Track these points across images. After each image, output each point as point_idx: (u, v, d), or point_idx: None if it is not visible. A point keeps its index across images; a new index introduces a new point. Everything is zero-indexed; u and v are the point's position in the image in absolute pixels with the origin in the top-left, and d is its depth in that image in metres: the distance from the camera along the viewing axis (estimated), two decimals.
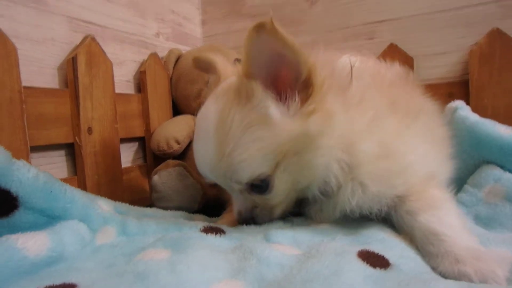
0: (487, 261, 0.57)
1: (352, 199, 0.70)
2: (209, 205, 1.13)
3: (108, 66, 1.05)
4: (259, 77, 0.65)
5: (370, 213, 0.73)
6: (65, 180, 0.90)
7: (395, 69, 0.89)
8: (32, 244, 0.57)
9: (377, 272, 0.55)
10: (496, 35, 1.16)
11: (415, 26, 1.27)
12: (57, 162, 0.94)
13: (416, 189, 0.71)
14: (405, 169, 0.72)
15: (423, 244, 0.64)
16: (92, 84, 1.00)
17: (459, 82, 1.20)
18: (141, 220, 0.78)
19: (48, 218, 0.64)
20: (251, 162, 0.66)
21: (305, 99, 0.65)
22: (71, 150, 0.96)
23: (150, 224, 0.77)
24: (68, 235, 0.64)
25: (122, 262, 0.62)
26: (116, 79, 1.10)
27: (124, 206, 0.85)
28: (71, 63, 0.95)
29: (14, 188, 0.61)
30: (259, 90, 0.65)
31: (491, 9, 1.18)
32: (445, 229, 0.63)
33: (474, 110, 1.03)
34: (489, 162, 0.93)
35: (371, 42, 1.33)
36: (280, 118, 0.65)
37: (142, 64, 1.23)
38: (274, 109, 0.65)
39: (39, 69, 0.92)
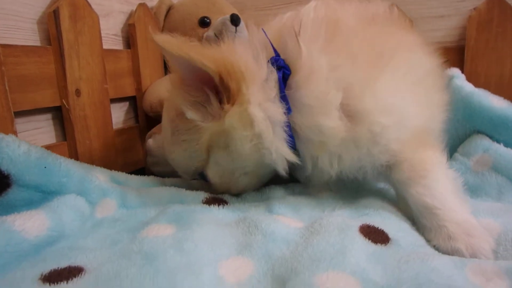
0: (477, 237, 0.59)
1: (331, 170, 0.70)
2: None
3: (94, 19, 0.95)
4: (187, 81, 0.65)
5: (362, 178, 0.72)
6: (54, 146, 0.85)
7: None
8: (30, 225, 0.53)
9: (379, 248, 0.56)
10: (495, 2, 1.11)
11: None
12: (44, 127, 0.86)
13: (406, 154, 0.67)
14: (379, 134, 0.66)
15: (417, 217, 0.65)
16: (78, 41, 0.90)
17: (455, 48, 1.16)
18: (141, 191, 0.74)
19: (43, 194, 0.60)
20: (181, 160, 0.74)
21: (227, 98, 0.64)
22: (59, 114, 0.88)
23: (151, 195, 0.74)
24: (67, 211, 0.60)
25: (126, 239, 0.59)
26: (102, 33, 1.00)
27: (121, 176, 0.81)
28: (53, 17, 0.85)
29: (5, 166, 0.57)
30: (179, 98, 0.67)
31: None
32: (437, 201, 0.63)
33: (468, 77, 1.00)
34: (479, 132, 0.92)
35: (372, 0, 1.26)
36: (201, 121, 0.66)
37: (131, 16, 1.11)
38: (192, 114, 0.66)
39: (15, 23, 0.81)
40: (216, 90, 0.64)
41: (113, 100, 1.04)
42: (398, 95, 0.67)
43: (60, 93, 0.86)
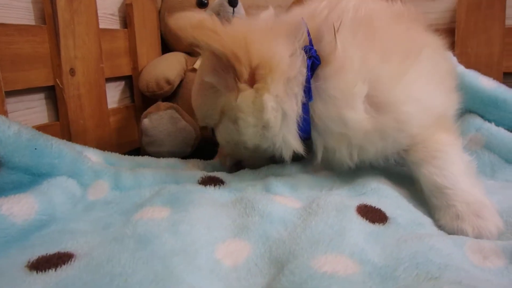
0: (485, 219, 0.54)
1: (351, 160, 0.66)
2: (204, 146, 1.04)
3: None
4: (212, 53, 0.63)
5: (378, 165, 0.68)
6: (46, 126, 0.78)
7: (395, 7, 0.78)
8: (18, 209, 0.47)
9: (377, 228, 0.52)
10: None
11: None
12: (36, 107, 0.79)
13: (423, 136, 0.65)
14: (405, 122, 0.64)
15: (428, 196, 0.61)
16: (74, 20, 0.83)
17: (446, 29, 1.11)
18: (135, 172, 0.68)
19: (33, 177, 0.54)
20: (199, 111, 0.74)
21: (240, 77, 0.62)
22: (52, 94, 0.81)
23: (145, 176, 0.68)
24: (57, 194, 0.54)
25: (119, 222, 0.54)
26: (99, 12, 0.93)
27: (115, 156, 0.74)
28: None
29: None
30: (207, 60, 0.67)
31: None
32: (447, 181, 0.59)
33: (459, 57, 0.97)
34: (471, 112, 0.88)
35: None
36: (218, 87, 0.66)
37: None
38: (209, 77, 0.66)
39: (9, 1, 0.74)
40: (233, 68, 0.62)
41: (109, 80, 0.97)
42: (424, 87, 0.67)
43: (54, 73, 0.79)
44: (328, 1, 0.72)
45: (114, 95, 1.02)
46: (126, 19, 1.03)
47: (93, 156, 0.67)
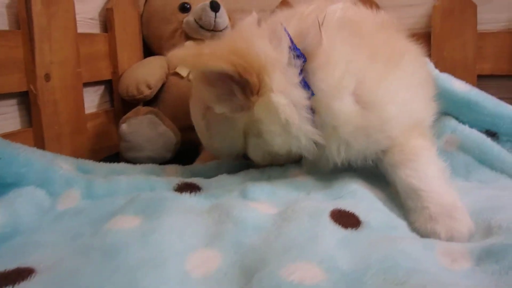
0: (458, 220, 0.54)
1: (338, 156, 0.65)
2: (185, 150, 1.01)
3: (69, 3, 0.84)
4: (210, 78, 0.61)
5: (356, 165, 0.67)
6: (18, 132, 0.75)
7: (380, 15, 0.80)
8: None
9: (349, 233, 0.51)
10: None
11: None
12: (8, 113, 0.75)
13: (400, 140, 0.65)
14: (387, 122, 0.65)
15: (404, 198, 0.60)
16: (51, 24, 0.79)
17: (423, 34, 1.12)
18: (108, 179, 0.65)
19: None
20: (221, 149, 0.73)
21: (250, 92, 0.61)
22: (26, 99, 0.77)
23: (119, 184, 0.64)
24: (23, 204, 0.51)
25: (88, 232, 0.51)
26: (78, 16, 0.89)
27: (89, 164, 0.71)
28: (24, 1, 0.74)
29: None
30: (205, 94, 0.64)
31: None
32: (423, 184, 0.58)
33: (435, 61, 0.96)
34: (447, 114, 0.88)
35: None
36: (230, 113, 0.63)
37: (109, 0, 1.00)
38: (221, 108, 0.63)
39: None
40: (239, 82, 0.60)
41: (88, 84, 0.94)
42: (406, 91, 0.68)
43: (27, 78, 0.75)
44: (316, 6, 0.71)
45: (93, 99, 0.98)
46: (107, 23, 1.00)
47: (65, 163, 0.64)
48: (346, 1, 0.75)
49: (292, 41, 0.63)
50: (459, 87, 0.87)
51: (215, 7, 0.99)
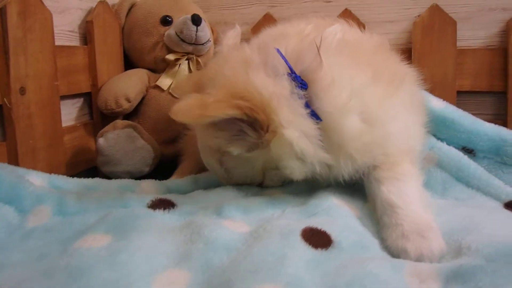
0: (429, 239, 0.54)
1: (344, 172, 0.67)
2: (165, 163, 1.01)
3: (47, 17, 0.85)
4: (218, 123, 0.61)
5: (345, 180, 0.69)
6: None
7: (375, 38, 0.82)
8: None
9: (319, 253, 0.52)
10: (435, 10, 1.12)
11: None
12: None
13: (393, 159, 0.67)
14: (386, 140, 0.67)
15: (380, 214, 0.61)
16: (26, 38, 0.80)
17: (404, 50, 1.15)
18: (81, 196, 0.65)
19: None
20: (239, 181, 0.73)
21: (261, 130, 0.61)
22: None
23: (92, 200, 0.64)
24: None
25: (56, 251, 0.51)
26: (57, 29, 0.90)
27: (62, 179, 0.71)
28: None
29: None
30: (216, 140, 0.64)
31: None
32: (401, 202, 0.60)
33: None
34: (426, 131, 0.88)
35: (328, 5, 1.22)
36: (245, 154, 0.64)
37: (89, 13, 1.01)
38: (237, 149, 0.63)
39: None
40: (248, 121, 0.60)
41: (66, 97, 0.94)
42: (407, 113, 0.71)
43: (1, 91, 0.75)
44: (313, 26, 0.73)
45: (71, 112, 0.98)
46: (86, 35, 1.00)
47: (37, 179, 0.64)
48: (342, 23, 0.77)
49: (290, 67, 0.63)
50: (436, 104, 0.89)
51: (196, 21, 1.01)
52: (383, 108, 0.66)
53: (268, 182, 0.73)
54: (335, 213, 0.62)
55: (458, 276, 0.46)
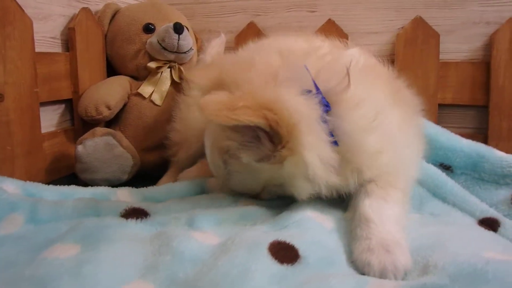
0: (394, 254, 0.55)
1: (350, 185, 0.68)
2: (144, 172, 1.03)
3: (27, 24, 0.87)
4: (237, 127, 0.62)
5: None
6: None
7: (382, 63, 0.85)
8: None
9: (284, 268, 0.52)
10: (419, 22, 1.15)
11: (354, 3, 1.22)
12: None
13: (390, 179, 0.69)
14: (395, 163, 0.70)
15: (355, 226, 0.63)
16: (5, 45, 0.81)
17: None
18: (55, 203, 0.67)
19: None
20: (237, 189, 0.74)
21: (278, 144, 0.61)
22: None
23: (65, 208, 0.66)
24: None
25: (23, 261, 0.52)
26: (39, 35, 0.92)
27: (37, 186, 0.72)
28: None
29: None
30: (229, 141, 0.65)
31: None
32: (377, 218, 0.62)
33: None
34: None
35: (312, 15, 1.25)
36: (254, 163, 0.64)
37: (72, 19, 1.03)
38: (247, 157, 0.64)
39: None
40: (267, 131, 0.61)
41: (47, 103, 0.96)
42: (417, 142, 0.77)
43: None
44: (330, 46, 0.76)
45: (52, 118, 1.00)
46: (68, 42, 1.02)
47: (11, 186, 0.65)
48: (361, 48, 0.79)
49: (316, 86, 0.64)
50: None
51: (178, 29, 1.03)
52: (401, 133, 0.70)
53: (265, 196, 0.74)
54: (306, 226, 0.63)
55: None
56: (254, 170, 0.66)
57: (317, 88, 0.64)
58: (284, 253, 0.55)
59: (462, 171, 0.87)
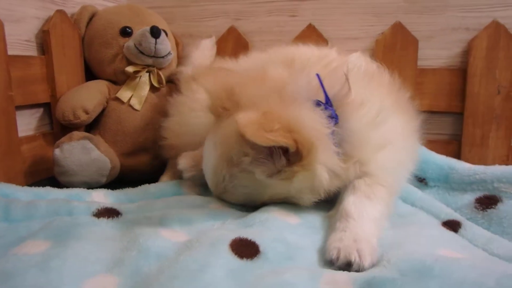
0: (361, 245, 0.61)
1: (351, 177, 0.75)
2: (124, 175, 1.08)
3: None
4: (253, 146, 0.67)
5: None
6: None
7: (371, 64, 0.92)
8: None
9: (243, 263, 0.57)
10: (398, 28, 1.20)
11: (334, 8, 1.27)
12: None
13: (379, 180, 0.75)
14: (392, 163, 0.77)
15: (336, 219, 0.69)
16: None
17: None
18: (28, 203, 0.72)
19: None
20: (232, 199, 0.78)
21: (294, 161, 0.68)
22: None
23: (38, 208, 0.71)
24: None
25: None
26: (12, 38, 0.96)
27: (11, 188, 0.78)
28: None
29: None
30: (241, 155, 0.70)
31: (398, 3, 1.22)
32: (357, 215, 0.68)
33: None
34: None
35: (293, 19, 1.31)
36: (265, 178, 0.70)
37: (46, 22, 1.07)
38: (260, 173, 0.70)
39: None
40: (283, 147, 0.67)
41: (25, 107, 1.01)
42: (410, 148, 0.84)
43: None
44: (334, 54, 0.84)
45: (30, 122, 1.05)
46: (43, 45, 1.06)
47: None
48: (362, 52, 0.87)
49: (327, 97, 0.71)
50: None
51: (155, 33, 1.07)
52: (401, 137, 0.77)
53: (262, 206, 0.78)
54: (271, 224, 0.68)
55: (370, 286, 0.53)
56: (261, 185, 0.72)
57: (327, 97, 0.72)
58: (245, 249, 0.60)
59: (435, 183, 0.95)
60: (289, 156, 0.68)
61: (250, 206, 0.78)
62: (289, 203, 0.76)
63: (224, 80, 0.79)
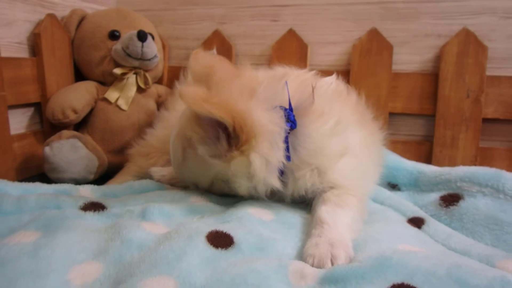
0: (336, 248, 0.64)
1: (308, 183, 0.79)
2: (111, 172, 1.13)
3: None
4: (203, 119, 0.72)
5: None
6: None
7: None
8: None
9: (218, 252, 0.62)
10: (374, 34, 1.25)
11: (314, 14, 1.31)
12: None
13: (344, 190, 0.79)
14: (354, 173, 0.81)
15: (312, 227, 0.72)
16: None
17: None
18: (18, 197, 0.76)
19: None
20: (189, 179, 0.87)
21: (235, 144, 0.72)
22: None
23: (28, 202, 0.75)
24: None
25: None
26: (4, 41, 1.00)
27: (1, 183, 0.82)
28: None
29: None
30: (193, 132, 0.75)
31: (375, 9, 1.27)
32: (331, 221, 0.71)
33: None
34: None
35: (275, 24, 1.35)
36: (208, 158, 0.75)
37: (37, 25, 1.11)
38: (203, 150, 0.75)
39: None
40: (227, 132, 0.72)
41: (16, 106, 1.05)
42: (376, 164, 0.91)
43: None
44: (309, 74, 0.87)
45: (21, 120, 1.10)
46: (34, 48, 1.10)
47: None
48: (335, 76, 0.92)
49: (290, 105, 0.76)
50: None
51: (142, 37, 1.12)
52: (362, 148, 0.81)
53: (214, 191, 0.85)
54: (246, 220, 0.73)
55: (333, 277, 0.57)
56: (205, 164, 0.77)
57: (290, 106, 0.77)
58: (220, 240, 0.65)
59: (407, 188, 1.01)
60: (231, 141, 0.73)
61: (201, 187, 0.84)
62: (263, 202, 0.81)
63: (210, 64, 0.85)
